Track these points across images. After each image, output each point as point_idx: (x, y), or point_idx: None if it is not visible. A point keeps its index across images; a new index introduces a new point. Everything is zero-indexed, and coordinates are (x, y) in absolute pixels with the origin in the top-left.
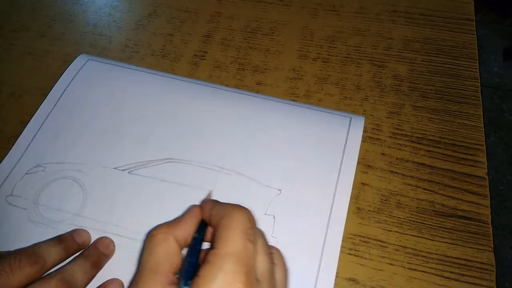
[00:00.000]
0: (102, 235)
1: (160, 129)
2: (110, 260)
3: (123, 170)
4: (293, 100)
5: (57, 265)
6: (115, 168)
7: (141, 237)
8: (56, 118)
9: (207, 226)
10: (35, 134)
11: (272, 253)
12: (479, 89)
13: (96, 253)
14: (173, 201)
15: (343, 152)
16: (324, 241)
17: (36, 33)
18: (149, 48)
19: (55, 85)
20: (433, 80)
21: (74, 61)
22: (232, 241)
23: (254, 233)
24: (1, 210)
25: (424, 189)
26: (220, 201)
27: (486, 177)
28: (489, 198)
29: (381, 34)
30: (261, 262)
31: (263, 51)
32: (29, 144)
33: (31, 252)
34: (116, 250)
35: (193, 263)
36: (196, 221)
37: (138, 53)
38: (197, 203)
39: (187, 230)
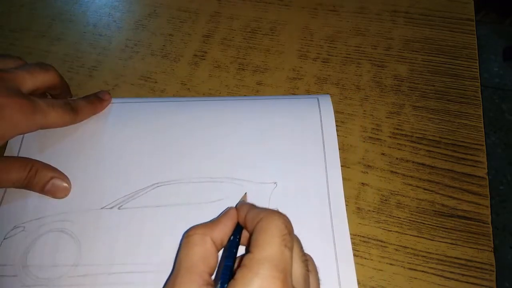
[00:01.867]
0: (109, 277)
1: (138, 156)
2: None
3: (111, 208)
4: (255, 96)
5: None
6: (102, 208)
7: (151, 267)
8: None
9: (242, 229)
10: (3, 196)
11: (307, 259)
12: (479, 89)
13: (95, 97)
14: (173, 223)
15: (322, 132)
16: (331, 222)
17: (36, 33)
18: (149, 48)
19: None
20: (433, 80)
21: None
22: (269, 246)
23: (291, 239)
24: None
25: (424, 189)
26: (256, 205)
27: (486, 177)
28: (489, 198)
29: (381, 34)
30: (297, 269)
31: (263, 51)
32: None
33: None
34: (127, 287)
35: (229, 266)
36: (232, 223)
37: (138, 53)
38: (198, 219)
39: (223, 232)
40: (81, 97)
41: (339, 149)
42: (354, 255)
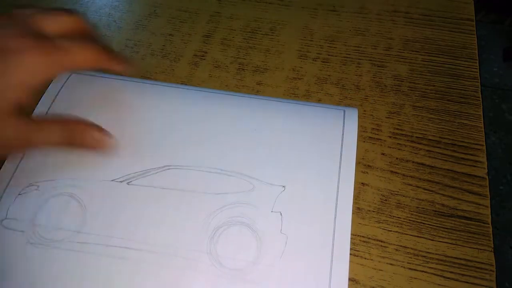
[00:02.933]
0: (106, 249)
1: (154, 137)
2: (121, 274)
3: (121, 181)
4: (283, 98)
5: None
6: (112, 180)
7: (148, 247)
8: None
9: None
10: (23, 154)
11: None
12: (479, 89)
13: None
14: (176, 208)
15: (341, 145)
16: (333, 231)
17: None
18: (149, 48)
19: (39, 102)
20: (433, 80)
21: (55, 79)
22: None
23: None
24: None
25: (424, 189)
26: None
27: (486, 177)
28: (489, 198)
29: (381, 34)
30: None
31: (263, 51)
32: (18, 165)
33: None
34: (120, 263)
35: None
36: None
37: (138, 53)
38: (200, 208)
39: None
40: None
41: None
42: (354, 255)
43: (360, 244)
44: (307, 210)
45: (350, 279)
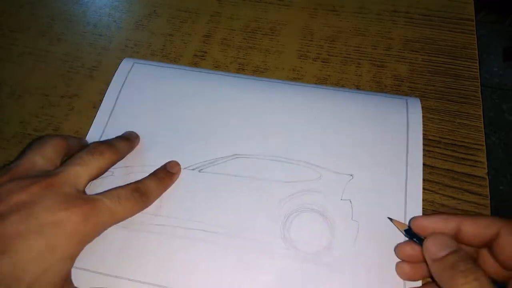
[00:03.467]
0: (185, 232)
1: (221, 126)
2: (201, 254)
3: (193, 169)
4: (344, 88)
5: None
6: (185, 168)
7: (223, 230)
8: (115, 124)
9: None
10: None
11: None
12: (479, 89)
13: (164, 171)
14: (248, 194)
15: (407, 133)
16: (404, 219)
17: (36, 33)
18: (149, 48)
19: (107, 93)
20: (433, 80)
21: (120, 66)
22: None
23: None
24: None
25: (424, 189)
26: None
27: (486, 177)
28: (489, 198)
29: (381, 34)
30: None
31: (263, 51)
32: None
33: (108, 144)
34: (200, 245)
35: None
36: None
37: (138, 53)
38: (271, 195)
39: None
40: (148, 175)
41: None
42: None
43: None
44: (376, 198)
45: None
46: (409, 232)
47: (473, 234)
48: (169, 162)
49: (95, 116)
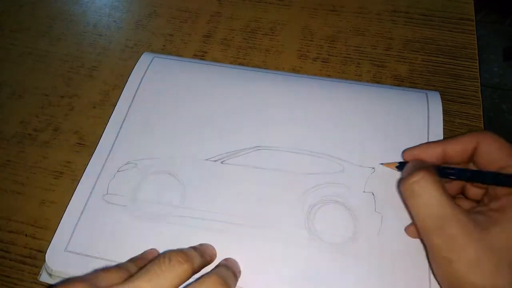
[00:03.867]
0: (209, 223)
1: (242, 118)
2: (225, 245)
3: (215, 161)
4: (365, 82)
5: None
6: (206, 159)
7: (246, 221)
8: (135, 116)
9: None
10: (118, 133)
11: None
12: (479, 89)
13: (233, 266)
14: (271, 186)
15: (428, 127)
16: None
17: (36, 33)
18: (149, 48)
19: (126, 85)
20: (433, 80)
21: (140, 60)
22: None
23: None
24: (101, 209)
25: None
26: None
27: None
28: None
29: (381, 34)
30: None
31: (263, 51)
32: (114, 143)
33: (178, 251)
34: (224, 236)
35: None
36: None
37: (138, 53)
38: (294, 187)
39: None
40: (223, 269)
41: None
42: None
43: None
44: (397, 192)
45: None
46: (400, 167)
47: (457, 152)
48: (228, 259)
49: (113, 109)
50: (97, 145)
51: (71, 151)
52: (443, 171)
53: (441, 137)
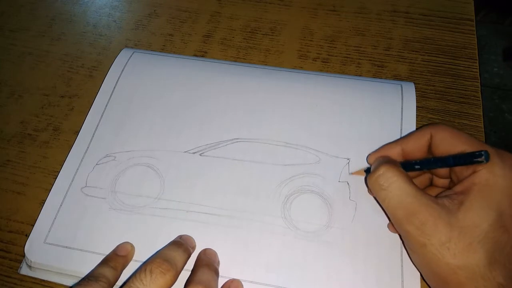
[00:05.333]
0: (188, 215)
1: (222, 111)
2: (203, 236)
3: (193, 153)
4: (341, 74)
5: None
6: (185, 151)
7: (224, 212)
8: (114, 110)
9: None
10: (96, 127)
11: None
12: (479, 89)
13: (213, 262)
14: (248, 177)
15: (401, 117)
16: None
17: (36, 33)
18: (149, 48)
19: (105, 79)
20: (433, 80)
21: (119, 55)
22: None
23: None
24: (79, 202)
25: None
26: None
27: None
28: None
29: (381, 34)
30: None
31: (263, 51)
32: (92, 137)
33: (160, 260)
34: (202, 227)
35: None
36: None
37: None
38: (271, 178)
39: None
40: (205, 270)
41: None
42: None
43: None
44: None
45: None
46: (368, 171)
47: (414, 147)
48: (206, 249)
49: (90, 106)
50: (75, 139)
51: None
52: (408, 165)
53: (414, 128)
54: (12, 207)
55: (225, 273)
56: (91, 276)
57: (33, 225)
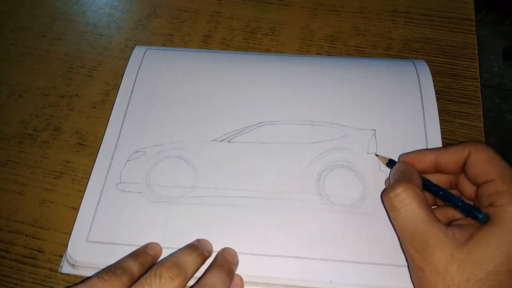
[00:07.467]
0: (225, 200)
1: (243, 98)
2: (243, 219)
3: (221, 140)
4: (352, 56)
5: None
6: (213, 140)
7: (260, 194)
8: (137, 106)
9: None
10: (122, 125)
11: None
12: (479, 89)
13: (228, 263)
14: (278, 159)
15: (420, 88)
16: None
17: (36, 33)
18: None
19: (123, 78)
20: (433, 80)
21: (133, 52)
22: None
23: None
24: (116, 198)
25: None
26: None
27: None
28: None
29: (381, 34)
30: None
31: (263, 51)
32: (119, 135)
33: (170, 264)
34: (241, 210)
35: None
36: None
37: None
38: (300, 157)
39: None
40: (215, 271)
41: None
42: None
43: None
44: (400, 148)
45: None
46: (390, 165)
47: (448, 162)
48: (224, 249)
49: (113, 105)
50: (102, 141)
51: (71, 151)
52: (426, 184)
53: (434, 98)
54: (12, 207)
55: (271, 251)
56: (120, 268)
57: (32, 225)
